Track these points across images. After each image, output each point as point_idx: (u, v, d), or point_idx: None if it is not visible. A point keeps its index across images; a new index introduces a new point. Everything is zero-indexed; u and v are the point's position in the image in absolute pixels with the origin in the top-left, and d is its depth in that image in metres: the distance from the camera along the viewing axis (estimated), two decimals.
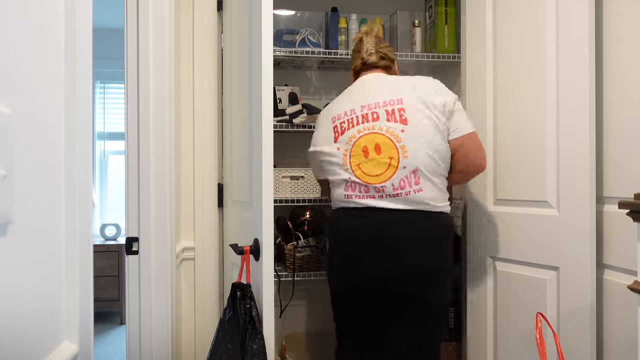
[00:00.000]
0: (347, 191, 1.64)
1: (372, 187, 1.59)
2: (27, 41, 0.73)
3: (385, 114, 1.60)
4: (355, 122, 1.64)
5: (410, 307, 1.57)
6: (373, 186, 1.59)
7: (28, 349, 0.74)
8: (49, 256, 0.82)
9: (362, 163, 1.61)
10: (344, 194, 1.64)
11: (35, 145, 0.75)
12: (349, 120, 1.66)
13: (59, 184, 0.85)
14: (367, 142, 1.61)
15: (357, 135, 1.63)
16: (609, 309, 1.50)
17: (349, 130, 1.65)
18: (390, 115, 1.60)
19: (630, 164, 1.43)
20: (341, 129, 1.67)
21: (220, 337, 1.48)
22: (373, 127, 1.61)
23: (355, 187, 1.62)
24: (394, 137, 1.58)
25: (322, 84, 2.58)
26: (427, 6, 2.43)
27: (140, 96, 1.72)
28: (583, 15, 1.51)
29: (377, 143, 1.59)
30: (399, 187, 1.56)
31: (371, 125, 1.61)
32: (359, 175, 1.61)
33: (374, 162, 1.59)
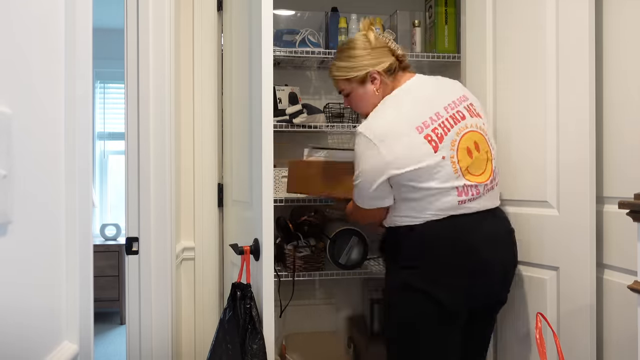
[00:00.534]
0: (461, 196, 1.49)
1: (482, 186, 1.54)
2: (27, 41, 0.73)
3: (466, 111, 1.56)
4: (449, 125, 1.51)
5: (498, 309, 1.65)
6: (483, 185, 1.54)
7: (28, 349, 0.74)
8: (49, 256, 0.82)
9: (470, 166, 1.52)
10: (458, 200, 1.48)
11: (35, 145, 0.75)
12: (441, 125, 1.50)
13: (59, 184, 0.85)
14: (467, 142, 1.52)
15: (457, 138, 1.51)
16: (609, 309, 1.50)
17: (447, 135, 1.49)
18: (470, 112, 1.57)
19: (630, 164, 1.43)
20: (437, 136, 1.47)
21: (220, 337, 1.48)
22: (465, 125, 1.54)
23: (468, 191, 1.51)
24: (482, 131, 1.58)
25: (322, 84, 2.57)
26: (427, 6, 2.43)
27: (140, 96, 1.72)
28: (583, 15, 1.51)
29: (474, 141, 1.54)
30: (494, 178, 1.59)
31: (463, 125, 1.53)
32: (470, 178, 1.51)
33: (477, 160, 1.53)
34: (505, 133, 1.79)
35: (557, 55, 1.59)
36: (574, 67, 1.54)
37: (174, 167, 1.84)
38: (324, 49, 2.31)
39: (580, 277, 1.52)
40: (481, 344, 1.67)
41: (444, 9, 2.33)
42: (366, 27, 1.64)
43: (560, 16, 1.58)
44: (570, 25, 1.55)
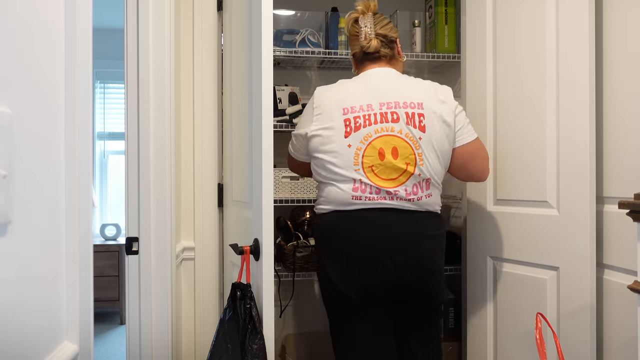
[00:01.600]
0: (357, 192, 1.53)
1: (384, 191, 1.52)
2: (27, 41, 0.73)
3: (405, 116, 1.54)
4: (373, 120, 1.53)
5: (423, 306, 1.61)
6: (385, 190, 1.52)
7: (28, 349, 0.74)
8: (49, 256, 0.82)
9: (377, 165, 1.52)
10: (352, 194, 1.53)
11: (35, 145, 0.75)
12: (365, 117, 1.54)
13: (59, 184, 0.85)
14: (384, 143, 1.52)
15: (373, 135, 1.52)
16: (609, 309, 1.50)
17: (364, 128, 1.53)
18: (410, 119, 1.53)
19: (630, 164, 1.43)
20: (355, 124, 1.53)
21: (220, 337, 1.48)
22: (392, 129, 1.53)
23: (365, 189, 1.53)
24: (413, 142, 1.53)
25: (322, 84, 2.55)
26: (427, 6, 2.43)
27: (140, 96, 1.72)
28: (583, 15, 1.51)
29: (394, 146, 1.52)
30: (412, 192, 1.54)
31: (390, 127, 1.53)
32: (371, 177, 1.52)
33: (389, 166, 1.52)
34: (505, 133, 1.79)
35: (557, 55, 1.59)
36: (574, 67, 1.54)
37: (174, 167, 1.84)
38: (324, 49, 2.31)
39: (580, 277, 1.52)
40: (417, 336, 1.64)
41: (444, 9, 2.33)
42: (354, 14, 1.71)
43: (560, 16, 1.58)
44: (570, 25, 1.55)
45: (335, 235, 1.58)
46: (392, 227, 1.53)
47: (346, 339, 1.61)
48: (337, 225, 1.58)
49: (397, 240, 1.53)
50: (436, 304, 1.64)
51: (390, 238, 1.53)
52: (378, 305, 1.57)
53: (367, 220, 1.54)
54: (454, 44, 2.33)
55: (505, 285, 1.79)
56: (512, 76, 1.76)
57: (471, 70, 1.95)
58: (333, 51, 2.28)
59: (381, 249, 1.52)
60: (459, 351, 2.13)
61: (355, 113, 1.55)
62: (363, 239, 1.54)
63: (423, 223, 1.56)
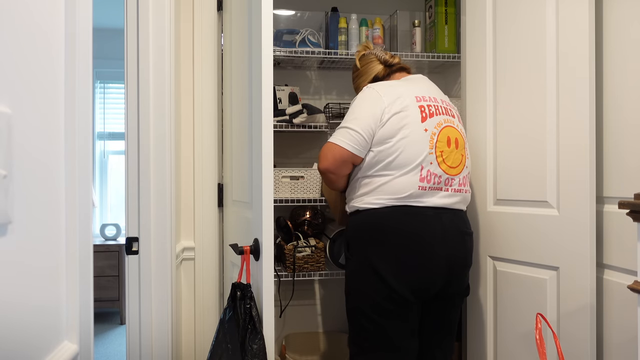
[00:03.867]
0: (423, 182, 1.57)
1: (445, 179, 1.60)
2: (27, 41, 0.73)
3: (457, 114, 1.72)
4: (441, 111, 1.65)
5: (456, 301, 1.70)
6: (447, 177, 1.60)
7: (28, 349, 0.74)
8: (49, 256, 0.82)
9: (445, 151, 1.61)
10: (419, 185, 1.56)
11: (35, 145, 0.75)
12: (435, 107, 1.64)
13: (59, 184, 0.85)
14: (449, 133, 1.63)
15: (443, 124, 1.63)
16: (609, 309, 1.50)
17: (437, 116, 1.62)
18: (458, 119, 1.71)
19: (630, 164, 1.43)
20: (429, 111, 1.62)
21: (220, 337, 1.48)
22: (452, 122, 1.66)
23: (431, 178, 1.58)
24: (464, 138, 1.70)
25: (322, 84, 2.58)
26: (427, 6, 2.43)
27: (140, 96, 1.72)
28: (583, 14, 1.51)
29: (456, 137, 1.65)
30: (463, 183, 1.65)
31: (451, 120, 1.66)
32: (440, 162, 1.59)
33: (453, 153, 1.63)
34: (505, 133, 1.79)
35: (557, 55, 1.59)
36: (574, 67, 1.54)
37: (174, 167, 1.84)
38: (324, 49, 2.32)
39: (580, 277, 1.52)
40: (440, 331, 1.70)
41: (444, 9, 2.33)
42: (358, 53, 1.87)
43: (560, 16, 1.58)
44: (570, 25, 1.55)
45: (391, 233, 1.56)
46: (445, 226, 1.59)
47: (380, 340, 1.58)
48: (393, 224, 1.56)
49: (449, 239, 1.60)
50: (463, 299, 1.74)
51: (444, 237, 1.58)
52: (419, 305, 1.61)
53: (423, 218, 1.57)
54: (454, 44, 2.33)
55: (505, 285, 1.79)
56: (512, 76, 1.76)
57: (471, 70, 1.95)
58: (333, 51, 2.28)
59: (437, 248, 1.57)
60: (459, 351, 2.13)
61: (427, 102, 1.64)
62: (421, 237, 1.56)
63: (465, 221, 1.68)
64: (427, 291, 1.59)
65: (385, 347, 1.58)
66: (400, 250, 1.55)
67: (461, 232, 1.63)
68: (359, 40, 2.32)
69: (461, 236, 1.63)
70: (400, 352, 1.58)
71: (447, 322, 1.70)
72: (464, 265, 1.66)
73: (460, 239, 1.63)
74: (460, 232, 1.63)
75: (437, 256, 1.57)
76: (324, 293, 2.58)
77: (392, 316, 1.56)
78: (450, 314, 1.70)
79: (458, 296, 1.70)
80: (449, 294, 1.65)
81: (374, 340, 1.59)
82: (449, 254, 1.59)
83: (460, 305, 1.73)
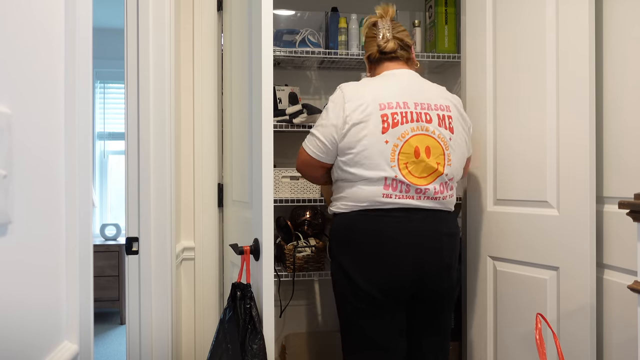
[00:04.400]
0: (387, 190, 1.54)
1: (414, 188, 1.55)
2: (27, 41, 0.73)
3: (437, 118, 1.59)
4: (409, 119, 1.56)
5: (439, 303, 1.64)
6: (416, 187, 1.55)
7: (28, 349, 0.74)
8: (49, 256, 0.82)
9: (411, 163, 1.54)
10: (382, 192, 1.54)
11: (35, 145, 0.75)
12: (402, 114, 1.56)
13: (59, 184, 0.85)
14: (419, 142, 1.55)
15: (410, 133, 1.55)
16: (609, 309, 1.50)
17: (402, 125, 1.55)
18: (441, 121, 1.59)
19: (630, 164, 1.43)
20: (393, 120, 1.55)
21: (220, 337, 1.48)
22: (427, 128, 1.57)
23: (396, 187, 1.54)
24: (444, 143, 1.59)
25: (322, 84, 2.58)
26: (427, 6, 2.43)
27: (140, 96, 1.72)
28: (583, 14, 1.51)
29: (427, 145, 1.56)
30: (439, 191, 1.58)
31: (425, 127, 1.57)
32: (405, 174, 1.54)
33: (422, 164, 1.55)
34: (505, 133, 1.79)
35: (557, 55, 1.59)
36: (574, 67, 1.54)
37: (174, 167, 1.84)
38: (324, 49, 2.31)
39: (580, 277, 1.52)
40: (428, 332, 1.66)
41: (444, 9, 2.33)
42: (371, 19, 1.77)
43: (560, 16, 1.58)
44: (570, 25, 1.55)
45: (359, 234, 1.57)
46: (416, 226, 1.56)
47: (362, 340, 1.59)
48: (361, 225, 1.57)
49: (421, 238, 1.56)
50: (450, 299, 1.68)
51: (415, 236, 1.55)
52: (398, 305, 1.58)
53: (391, 219, 1.55)
54: (454, 44, 2.33)
55: (505, 285, 1.79)
56: (512, 76, 1.76)
57: (471, 70, 1.95)
58: (333, 51, 2.28)
59: (406, 248, 1.54)
60: (459, 351, 2.13)
61: (392, 109, 1.56)
62: (388, 238, 1.54)
63: (444, 221, 1.61)
64: (397, 290, 1.55)
65: (370, 347, 1.59)
66: (365, 249, 1.55)
67: (437, 232, 1.58)
68: (359, 40, 2.32)
69: (437, 236, 1.57)
70: (388, 353, 1.58)
71: (437, 324, 1.65)
72: (440, 265, 1.57)
73: (436, 239, 1.57)
74: (436, 232, 1.57)
75: (402, 255, 1.53)
76: (324, 293, 2.58)
77: (367, 316, 1.57)
78: (439, 316, 1.65)
79: (443, 298, 1.62)
80: (432, 295, 1.60)
81: (356, 340, 1.60)
82: (417, 253, 1.54)
83: (449, 308, 1.67)
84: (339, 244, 1.62)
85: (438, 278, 1.59)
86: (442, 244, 1.58)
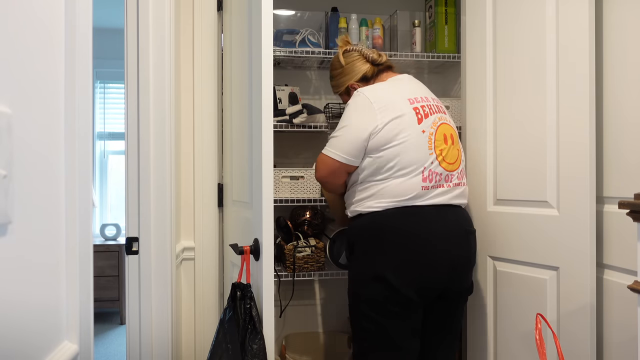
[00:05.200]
0: (425, 182, 1.57)
1: (445, 175, 1.62)
2: (27, 41, 0.73)
3: (443, 112, 1.71)
4: (434, 110, 1.66)
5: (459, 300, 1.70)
6: (447, 173, 1.62)
7: (28, 349, 0.74)
8: (49, 256, 0.82)
9: (444, 149, 1.63)
10: (422, 185, 1.57)
11: (35, 145, 0.75)
12: (429, 106, 1.65)
13: (59, 184, 0.85)
14: (445, 130, 1.65)
15: (438, 122, 1.64)
16: (609, 309, 1.50)
17: (431, 115, 1.63)
18: (446, 115, 1.71)
19: (630, 164, 1.43)
20: (424, 112, 1.63)
21: (220, 337, 1.48)
22: (445, 118, 1.68)
23: (433, 177, 1.59)
24: (455, 132, 1.72)
25: (322, 84, 2.57)
26: (427, 6, 2.43)
27: (140, 96, 1.72)
28: (583, 14, 1.51)
29: (451, 133, 1.68)
30: (460, 177, 1.68)
31: (444, 117, 1.68)
32: (440, 161, 1.61)
33: (451, 150, 1.65)
34: (505, 133, 1.79)
35: (557, 55, 1.59)
36: (574, 67, 1.54)
37: (174, 167, 1.84)
38: (324, 49, 2.31)
39: (580, 277, 1.52)
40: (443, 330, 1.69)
41: (444, 9, 2.33)
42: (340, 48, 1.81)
43: (560, 16, 1.58)
44: (570, 25, 1.55)
45: (392, 233, 1.56)
46: (448, 225, 1.60)
47: (379, 340, 1.58)
48: (395, 225, 1.56)
49: (453, 237, 1.60)
50: (466, 299, 1.73)
51: (447, 236, 1.58)
52: (422, 305, 1.59)
53: (425, 218, 1.57)
54: (454, 44, 2.33)
55: (506, 285, 1.79)
56: (512, 76, 1.76)
57: (471, 70, 1.95)
58: (333, 51, 2.28)
59: (440, 247, 1.57)
60: (459, 351, 2.13)
61: (420, 102, 1.64)
62: (423, 239, 1.56)
63: (467, 219, 1.69)
64: (431, 290, 1.58)
65: (386, 347, 1.58)
66: (403, 251, 1.55)
67: (465, 231, 1.64)
68: (359, 40, 2.32)
69: (465, 234, 1.63)
70: (402, 352, 1.58)
71: (450, 322, 1.69)
72: (468, 264, 1.65)
73: (464, 238, 1.63)
74: (464, 231, 1.64)
75: (441, 255, 1.56)
76: (324, 293, 2.58)
77: (394, 316, 1.56)
78: (454, 314, 1.69)
79: (462, 296, 1.69)
80: (453, 294, 1.65)
81: (374, 341, 1.59)
82: (452, 252, 1.58)
83: (463, 305, 1.73)
84: (371, 244, 1.58)
85: (464, 277, 1.66)
86: (468, 242, 1.64)
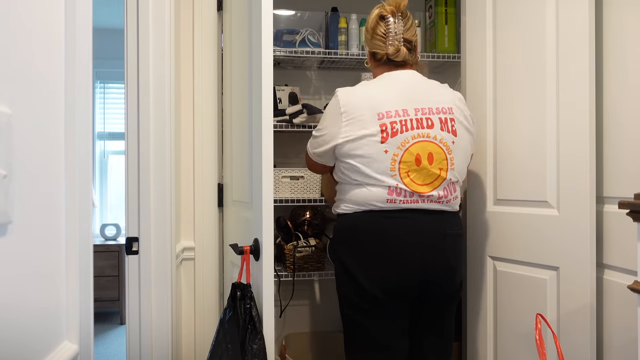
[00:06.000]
0: (392, 195, 1.52)
1: (418, 194, 1.54)
2: (26, 41, 0.73)
3: (439, 122, 1.56)
4: (409, 126, 1.53)
5: (443, 304, 1.63)
6: (419, 194, 1.54)
7: (28, 349, 0.74)
8: (49, 256, 0.82)
9: (412, 171, 1.53)
10: (387, 197, 1.52)
11: (35, 145, 0.75)
12: (402, 122, 1.53)
13: (59, 184, 0.85)
14: (420, 149, 1.53)
15: (410, 141, 1.52)
16: (609, 309, 1.50)
17: (402, 133, 1.52)
18: (443, 125, 1.56)
19: (630, 164, 1.43)
20: (392, 130, 1.52)
21: (220, 337, 1.48)
22: (428, 134, 1.54)
23: (400, 192, 1.53)
24: (446, 148, 1.56)
25: (322, 84, 2.58)
26: (427, 6, 2.43)
27: (140, 96, 1.72)
28: (583, 15, 1.51)
29: (430, 152, 1.54)
30: (443, 195, 1.57)
31: (426, 133, 1.54)
32: (407, 182, 1.52)
33: (424, 171, 1.53)
34: (505, 133, 1.79)
35: (557, 55, 1.59)
36: (574, 67, 1.54)
37: (174, 167, 1.84)
38: (324, 49, 2.31)
39: (580, 277, 1.52)
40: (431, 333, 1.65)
41: (444, 9, 2.33)
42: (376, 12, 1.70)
43: (560, 16, 1.58)
44: (571, 25, 1.55)
45: (363, 233, 1.56)
46: (420, 226, 1.55)
47: (366, 340, 1.59)
48: (365, 225, 1.56)
49: (425, 238, 1.54)
50: (454, 301, 1.67)
51: (418, 236, 1.54)
52: (401, 304, 1.57)
53: (395, 219, 1.54)
54: (454, 44, 2.33)
55: (505, 285, 1.79)
56: (512, 76, 1.76)
57: (471, 70, 1.95)
58: (333, 51, 2.28)
59: (411, 248, 1.53)
60: (459, 351, 2.13)
61: (391, 118, 1.53)
62: (392, 237, 1.53)
63: (448, 222, 1.60)
64: (401, 290, 1.54)
65: (373, 347, 1.58)
66: (369, 249, 1.54)
67: (440, 233, 1.56)
68: (359, 40, 2.32)
69: (441, 237, 1.56)
70: (390, 351, 1.58)
71: (440, 324, 1.65)
72: (445, 267, 1.57)
73: (440, 240, 1.56)
74: (440, 232, 1.56)
75: (409, 255, 1.52)
76: (324, 293, 2.57)
77: (370, 316, 1.56)
78: (444, 317, 1.64)
79: (447, 299, 1.62)
80: (434, 296, 1.59)
81: (360, 340, 1.60)
82: (421, 253, 1.53)
83: (453, 308, 1.67)
84: (342, 244, 1.61)
85: (443, 280, 1.58)
86: (445, 245, 1.57)
